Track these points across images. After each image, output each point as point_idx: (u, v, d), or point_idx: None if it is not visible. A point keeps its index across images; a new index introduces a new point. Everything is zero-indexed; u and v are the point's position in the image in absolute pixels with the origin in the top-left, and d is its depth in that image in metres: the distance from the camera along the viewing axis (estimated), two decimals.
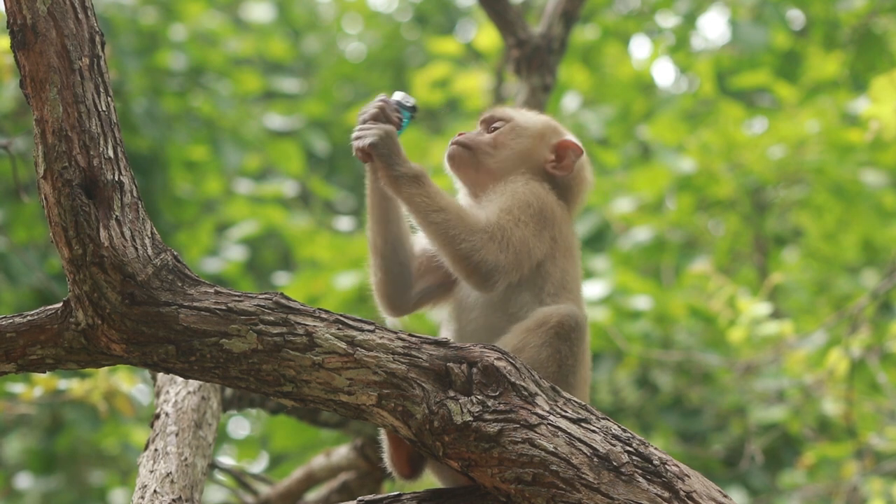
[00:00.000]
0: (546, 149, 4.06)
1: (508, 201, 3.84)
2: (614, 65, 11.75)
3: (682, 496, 3.37)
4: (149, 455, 4.09)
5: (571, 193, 4.07)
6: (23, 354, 3.51)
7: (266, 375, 3.45)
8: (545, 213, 3.88)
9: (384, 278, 3.95)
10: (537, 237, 3.83)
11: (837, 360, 7.28)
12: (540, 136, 4.08)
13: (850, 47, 9.57)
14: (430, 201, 3.73)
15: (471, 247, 3.71)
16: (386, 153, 3.79)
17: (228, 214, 12.06)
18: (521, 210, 3.83)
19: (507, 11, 6.08)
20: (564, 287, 3.89)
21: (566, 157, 4.06)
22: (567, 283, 3.90)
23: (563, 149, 4.06)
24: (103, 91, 3.46)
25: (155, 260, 3.46)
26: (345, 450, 5.85)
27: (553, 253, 3.89)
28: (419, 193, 3.74)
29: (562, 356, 3.73)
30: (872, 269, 10.43)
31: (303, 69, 16.23)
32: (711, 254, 10.29)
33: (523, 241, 3.79)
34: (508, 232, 3.76)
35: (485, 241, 3.72)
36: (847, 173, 9.58)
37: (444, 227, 3.71)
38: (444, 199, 3.75)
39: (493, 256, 3.72)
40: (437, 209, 3.72)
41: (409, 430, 3.45)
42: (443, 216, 3.71)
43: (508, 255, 3.75)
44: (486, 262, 3.72)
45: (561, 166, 4.04)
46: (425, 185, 3.74)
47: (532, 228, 3.82)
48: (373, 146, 3.80)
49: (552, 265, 3.88)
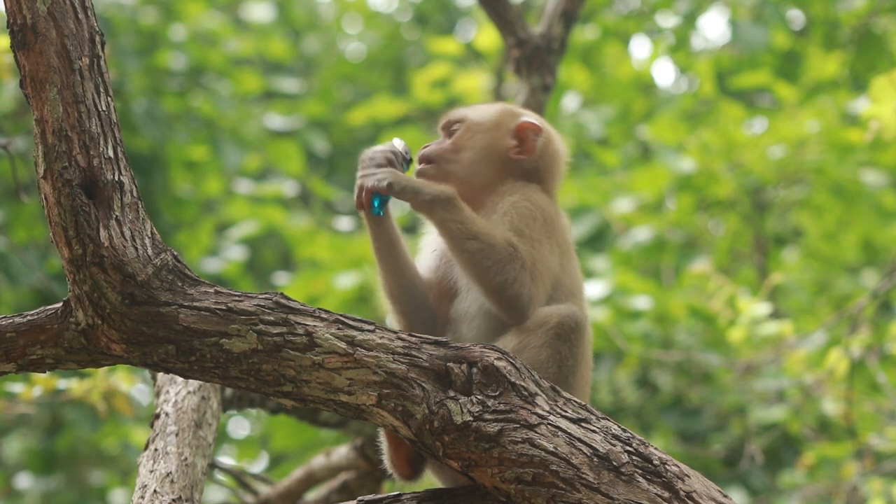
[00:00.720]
0: (506, 136, 3.97)
1: (517, 222, 3.77)
2: (614, 65, 11.75)
3: (682, 496, 3.37)
4: (149, 455, 4.09)
5: (547, 174, 3.99)
6: (23, 354, 3.51)
7: (266, 375, 3.45)
8: (547, 220, 3.83)
9: (408, 323, 3.89)
10: (551, 251, 3.80)
11: (837, 360, 7.27)
12: (496, 126, 3.98)
13: (850, 47, 9.57)
14: (464, 227, 3.67)
15: (504, 280, 3.67)
16: (407, 186, 3.73)
17: (228, 214, 12.07)
18: (531, 228, 3.77)
19: (507, 11, 6.08)
20: (569, 288, 3.86)
21: (527, 139, 3.96)
22: (572, 286, 3.87)
23: (522, 131, 3.97)
24: (103, 91, 3.46)
25: (155, 260, 3.46)
26: (345, 450, 5.85)
27: (560, 261, 3.86)
28: (453, 219, 3.68)
29: (562, 357, 3.72)
30: (872, 269, 10.43)
31: (303, 69, 16.23)
32: (711, 254, 10.29)
33: (545, 264, 3.75)
34: (531, 256, 3.71)
35: (517, 273, 3.68)
36: (847, 173, 9.58)
37: (479, 258, 3.66)
38: (476, 224, 3.68)
39: (527, 289, 3.69)
40: (470, 236, 3.67)
41: (409, 430, 3.45)
42: (476, 245, 3.66)
43: (538, 283, 3.71)
44: (521, 295, 3.68)
45: (524, 149, 3.96)
46: (458, 209, 3.69)
47: (546, 245, 3.78)
48: (390, 186, 3.73)
49: (563, 274, 3.86)
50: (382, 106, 12.04)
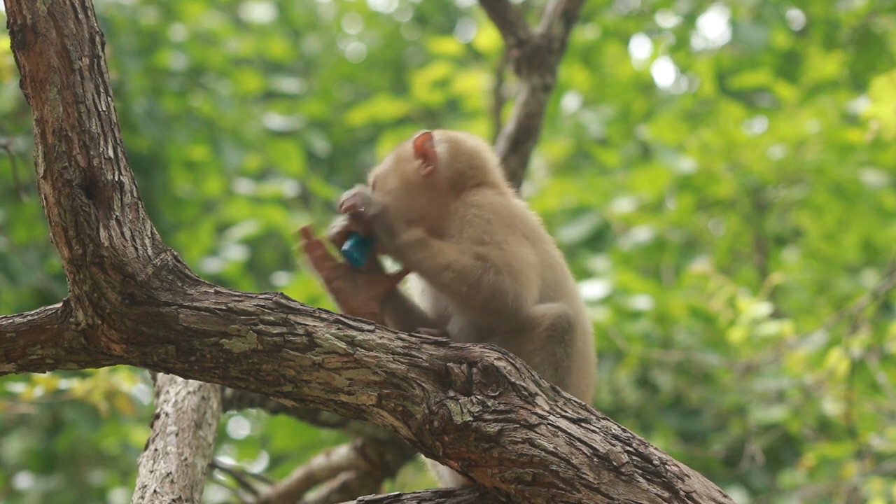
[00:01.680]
0: (410, 162, 3.95)
1: (474, 233, 3.77)
2: (614, 65, 11.75)
3: (682, 496, 3.37)
4: (149, 455, 4.09)
5: (477, 172, 3.96)
6: (23, 354, 3.51)
7: (266, 375, 3.45)
8: (502, 217, 3.81)
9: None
10: (520, 244, 3.78)
11: (837, 361, 7.27)
12: (398, 161, 3.96)
13: (850, 47, 9.57)
14: (435, 262, 3.70)
15: (486, 295, 3.67)
16: (389, 225, 3.79)
17: (228, 214, 12.06)
18: (489, 232, 3.76)
19: (507, 11, 6.08)
20: (558, 283, 3.84)
21: (426, 151, 3.94)
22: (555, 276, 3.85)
23: (418, 149, 3.95)
24: (103, 91, 3.46)
25: (155, 260, 3.46)
26: (345, 450, 5.85)
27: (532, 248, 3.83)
28: (424, 257, 3.72)
29: (557, 359, 3.71)
30: (872, 269, 10.43)
31: (303, 69, 16.23)
32: (711, 254, 10.30)
33: (520, 258, 3.74)
34: (503, 258, 3.70)
35: (494, 281, 3.67)
36: (847, 173, 9.58)
37: (457, 286, 3.68)
38: (444, 255, 3.71)
39: (511, 291, 3.67)
40: (443, 269, 3.69)
41: (408, 431, 3.45)
42: (450, 275, 3.68)
43: (519, 280, 3.69)
44: (507, 300, 3.67)
45: (429, 160, 3.93)
46: (427, 247, 3.73)
47: (513, 240, 3.76)
48: (374, 217, 3.78)
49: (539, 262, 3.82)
50: (382, 106, 12.04)
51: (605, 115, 11.58)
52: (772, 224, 10.55)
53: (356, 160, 16.05)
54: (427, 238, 3.76)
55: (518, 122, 6.04)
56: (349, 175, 16.07)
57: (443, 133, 4.02)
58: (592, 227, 10.29)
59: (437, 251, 3.72)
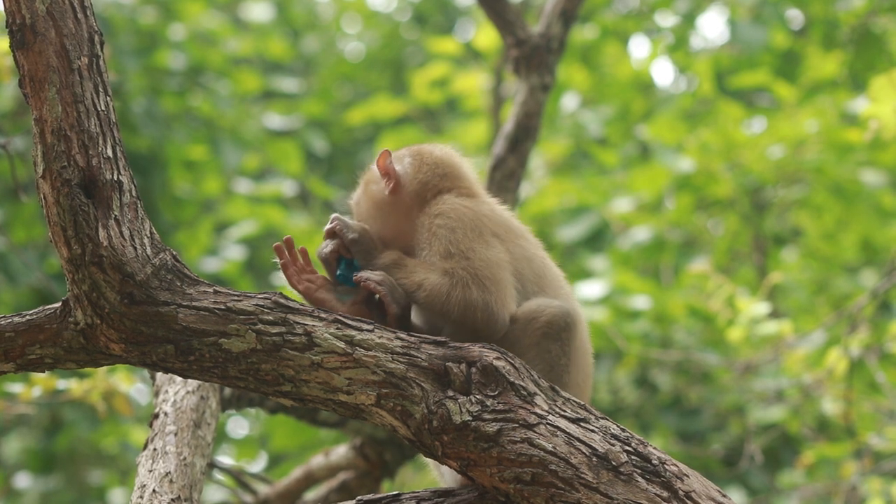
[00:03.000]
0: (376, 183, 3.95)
1: (439, 245, 3.76)
2: (613, 64, 11.75)
3: (681, 496, 3.37)
4: (148, 454, 4.09)
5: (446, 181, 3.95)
6: (21, 354, 3.51)
7: (265, 375, 3.45)
8: (467, 223, 3.78)
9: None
10: (489, 247, 3.74)
11: (836, 360, 7.28)
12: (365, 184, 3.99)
13: (849, 47, 9.57)
14: (410, 282, 3.71)
15: (459, 307, 3.66)
16: (367, 248, 3.82)
17: (227, 214, 12.06)
18: (454, 242, 3.74)
19: (506, 11, 6.08)
20: (539, 275, 3.81)
21: (387, 169, 3.94)
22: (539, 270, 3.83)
23: (381, 168, 3.95)
24: (102, 91, 3.46)
25: (154, 259, 3.46)
26: (344, 449, 5.85)
27: (507, 250, 3.80)
28: (402, 277, 3.73)
29: (552, 357, 3.70)
30: (871, 269, 10.43)
31: (302, 69, 16.23)
32: (710, 253, 10.30)
33: (490, 264, 3.71)
34: (469, 269, 3.69)
35: (462, 295, 3.66)
36: (846, 173, 9.58)
37: (431, 302, 3.68)
38: (417, 274, 3.72)
39: (481, 299, 3.66)
40: (416, 288, 3.70)
41: (407, 430, 3.45)
42: (424, 294, 3.69)
43: (489, 287, 3.68)
44: (482, 309, 3.66)
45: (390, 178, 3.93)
46: (403, 267, 3.75)
47: (480, 246, 3.74)
48: (353, 242, 3.82)
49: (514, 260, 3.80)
50: (381, 106, 12.04)
51: (604, 115, 11.58)
52: (771, 224, 10.55)
53: (355, 160, 16.04)
54: (402, 258, 3.77)
55: (517, 121, 6.04)
56: (348, 175, 16.02)
57: (406, 148, 4.02)
58: (591, 226, 10.29)
59: (410, 271, 3.73)
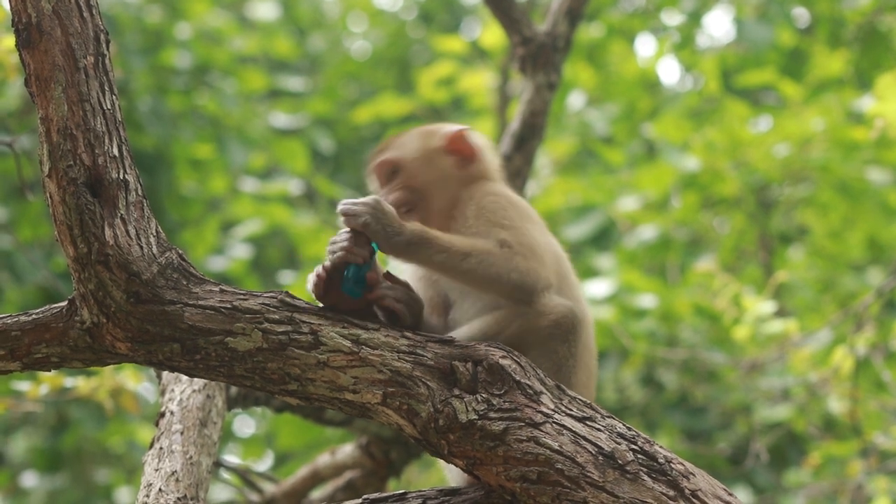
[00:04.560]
0: (444, 156, 3.93)
1: (494, 217, 3.75)
2: (619, 63, 11.74)
3: (688, 494, 3.36)
4: (154, 453, 4.09)
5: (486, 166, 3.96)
6: (28, 353, 3.51)
7: (271, 374, 3.45)
8: (517, 207, 3.82)
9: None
10: (539, 231, 3.79)
11: (842, 359, 7.27)
12: (429, 154, 3.93)
13: (855, 45, 9.56)
14: (451, 254, 3.63)
15: (518, 276, 3.63)
16: (381, 228, 3.63)
17: (234, 213, 12.07)
18: (509, 218, 3.75)
19: (512, 9, 6.08)
20: (560, 274, 3.82)
21: (462, 147, 3.93)
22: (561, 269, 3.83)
23: (453, 142, 3.93)
24: (108, 89, 3.46)
25: (160, 258, 3.46)
26: (350, 448, 5.85)
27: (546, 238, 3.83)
28: (435, 252, 3.63)
29: (559, 356, 3.69)
30: (878, 267, 10.42)
31: (308, 67, 16.23)
32: (716, 252, 10.29)
33: (539, 244, 3.73)
34: (525, 243, 3.69)
35: (525, 262, 3.65)
36: (852, 171, 9.57)
37: (483, 270, 3.63)
38: (459, 242, 3.66)
39: (537, 271, 3.66)
40: (463, 256, 3.63)
41: (413, 429, 3.45)
42: (474, 260, 3.62)
43: (543, 263, 3.69)
44: (538, 280, 3.65)
45: (468, 159, 3.93)
46: (434, 240, 3.63)
47: (529, 227, 3.77)
48: (366, 225, 3.62)
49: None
50: (387, 104, 12.04)
51: (610, 114, 11.58)
52: (777, 222, 10.54)
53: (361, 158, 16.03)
54: (427, 231, 3.66)
55: (523, 120, 6.04)
56: (354, 173, 16.06)
57: (468, 130, 3.99)
58: (597, 225, 10.29)
59: (447, 242, 3.64)
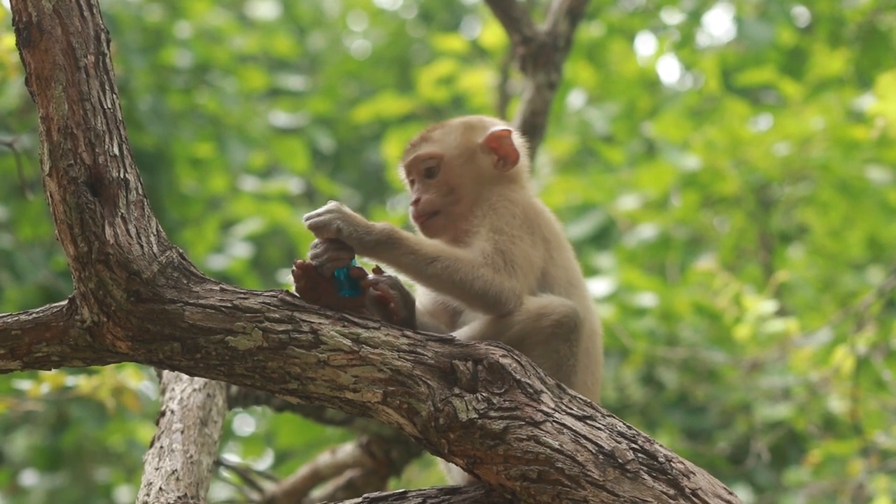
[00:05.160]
0: (482, 154, 3.93)
1: (495, 221, 3.75)
2: (619, 62, 11.74)
3: (688, 493, 3.36)
4: (154, 452, 4.09)
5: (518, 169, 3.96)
6: (28, 352, 3.51)
7: (271, 373, 3.45)
8: (529, 216, 3.81)
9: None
10: (533, 246, 3.76)
11: (843, 358, 7.27)
12: (471, 151, 3.93)
13: (855, 44, 9.57)
14: (418, 257, 3.62)
15: (482, 284, 3.62)
16: (352, 230, 3.60)
17: (234, 211, 12.07)
18: (510, 225, 3.74)
19: (512, 8, 6.08)
20: (565, 280, 3.83)
21: (504, 148, 3.93)
22: (568, 277, 3.85)
23: (496, 142, 3.93)
24: (109, 88, 3.46)
25: (160, 257, 3.46)
26: (350, 447, 5.86)
27: (550, 254, 3.82)
28: (402, 253, 3.61)
29: (560, 356, 3.69)
30: (878, 266, 10.42)
31: (308, 66, 16.24)
32: (717, 251, 10.29)
33: (525, 257, 3.72)
34: (509, 254, 3.68)
35: (492, 273, 3.63)
36: (852, 170, 9.57)
37: (448, 275, 3.62)
38: (428, 246, 3.64)
39: (507, 284, 3.64)
40: (429, 260, 3.62)
41: (414, 428, 3.45)
42: (440, 265, 3.61)
43: (517, 276, 3.67)
44: (502, 291, 3.63)
45: (508, 161, 3.93)
46: (402, 242, 3.62)
47: (527, 240, 3.75)
48: (339, 231, 3.59)
49: (553, 266, 3.83)
50: (387, 103, 12.04)
51: (610, 113, 11.58)
52: (777, 221, 10.54)
53: (361, 157, 16.04)
54: (397, 231, 3.65)
55: (523, 119, 6.04)
56: (354, 172, 16.07)
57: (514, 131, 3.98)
58: (597, 224, 10.28)
59: (415, 246, 3.63)
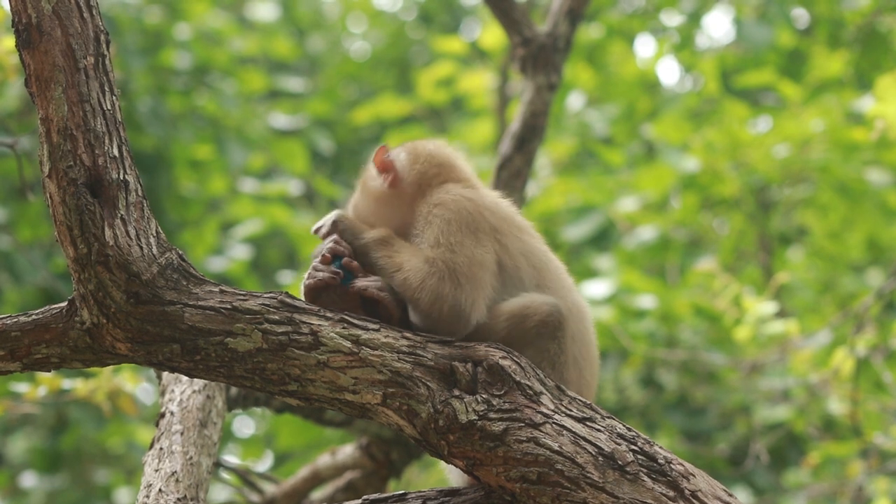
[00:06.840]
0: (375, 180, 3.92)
1: (431, 234, 3.70)
2: (619, 63, 11.74)
3: (688, 495, 3.36)
4: (154, 454, 4.09)
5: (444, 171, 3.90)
6: (28, 353, 3.51)
7: (271, 374, 3.45)
8: (464, 214, 3.72)
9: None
10: (479, 245, 3.68)
11: (843, 360, 7.27)
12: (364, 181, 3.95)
13: (854, 46, 9.56)
14: (391, 262, 3.67)
15: (428, 297, 3.59)
16: (349, 230, 3.78)
17: (233, 213, 12.07)
18: (446, 233, 3.69)
19: (512, 10, 6.08)
20: (534, 267, 3.76)
21: (386, 164, 3.91)
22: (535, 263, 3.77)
23: (379, 165, 3.93)
24: (108, 90, 3.46)
25: (160, 259, 3.46)
26: (350, 449, 5.85)
27: (505, 244, 3.74)
28: (382, 256, 3.69)
29: (551, 355, 3.66)
30: (877, 268, 10.42)
31: (307, 68, 16.23)
32: (716, 253, 10.29)
33: (471, 261, 3.65)
34: (451, 262, 3.62)
35: (436, 286, 3.59)
36: (852, 172, 9.56)
37: (406, 286, 3.62)
38: (399, 255, 3.68)
39: (452, 294, 3.59)
40: (396, 269, 3.66)
41: (413, 430, 3.45)
42: (401, 276, 3.63)
43: (463, 284, 3.61)
44: (450, 304, 3.59)
45: (389, 172, 3.91)
46: (387, 246, 3.71)
47: (469, 241, 3.68)
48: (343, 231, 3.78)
49: (508, 256, 3.74)
50: (387, 105, 12.04)
51: (609, 114, 11.58)
52: (776, 223, 10.54)
53: (361, 159, 16.03)
54: (390, 236, 3.73)
55: (523, 120, 6.03)
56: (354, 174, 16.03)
57: (399, 146, 3.98)
58: (597, 226, 10.28)
59: (395, 251, 3.70)
